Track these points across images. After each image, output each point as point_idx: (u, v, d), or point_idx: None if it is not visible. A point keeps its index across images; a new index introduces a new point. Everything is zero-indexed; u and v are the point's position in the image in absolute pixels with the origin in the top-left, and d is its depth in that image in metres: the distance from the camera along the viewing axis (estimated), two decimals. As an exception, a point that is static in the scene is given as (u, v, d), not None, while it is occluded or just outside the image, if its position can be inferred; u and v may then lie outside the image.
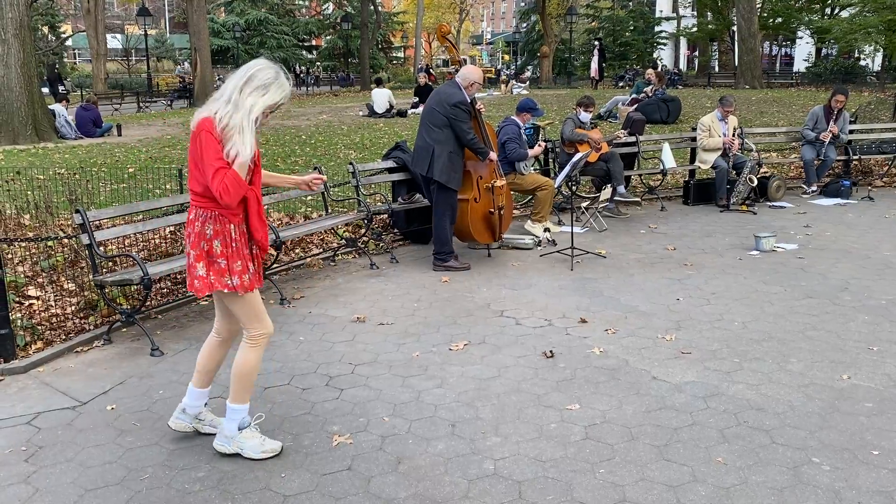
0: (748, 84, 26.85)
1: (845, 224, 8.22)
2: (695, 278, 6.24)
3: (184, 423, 3.64)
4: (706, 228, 8.14)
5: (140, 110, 26.42)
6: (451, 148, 6.39)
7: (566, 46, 41.05)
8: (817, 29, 31.73)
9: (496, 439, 3.61)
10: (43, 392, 4.24)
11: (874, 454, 3.42)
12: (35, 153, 13.21)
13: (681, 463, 3.37)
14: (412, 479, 3.28)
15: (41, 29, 38.11)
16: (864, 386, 4.13)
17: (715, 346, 4.75)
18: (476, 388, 4.19)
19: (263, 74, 3.18)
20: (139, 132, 17.23)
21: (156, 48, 46.59)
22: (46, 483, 3.29)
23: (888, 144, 10.77)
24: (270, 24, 45.06)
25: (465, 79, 6.48)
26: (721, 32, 38.56)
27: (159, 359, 4.71)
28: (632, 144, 9.72)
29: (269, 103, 3.17)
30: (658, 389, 4.14)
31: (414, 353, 4.72)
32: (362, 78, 37.10)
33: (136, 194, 8.40)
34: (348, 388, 4.22)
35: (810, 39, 35.01)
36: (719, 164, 9.17)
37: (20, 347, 4.72)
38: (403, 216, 7.66)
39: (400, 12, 56.18)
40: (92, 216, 5.13)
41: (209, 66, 27.40)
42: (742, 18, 27.10)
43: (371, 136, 15.34)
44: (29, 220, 7.04)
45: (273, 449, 3.49)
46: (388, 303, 5.75)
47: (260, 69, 3.20)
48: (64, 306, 5.40)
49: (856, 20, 27.43)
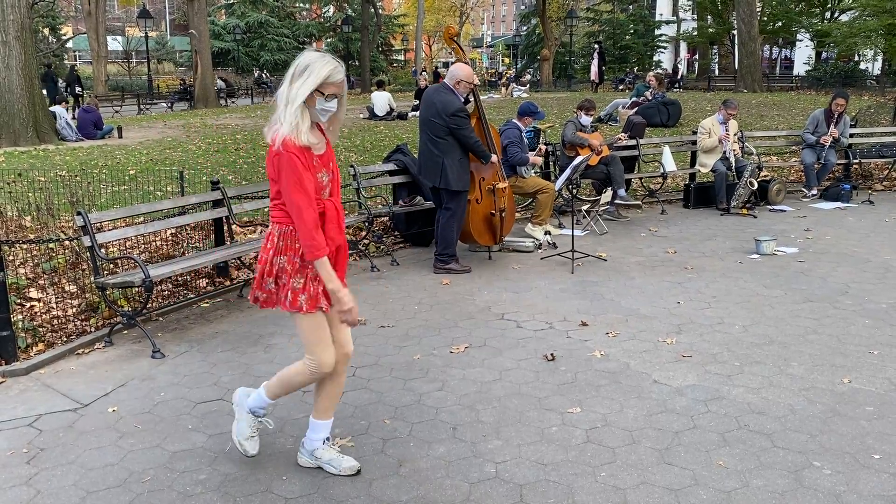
0: (748, 87, 26.86)
1: (846, 228, 8.22)
2: (695, 281, 6.24)
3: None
4: (706, 232, 8.15)
5: (140, 112, 26.44)
6: (458, 155, 6.43)
7: (566, 49, 41.09)
8: (817, 32, 31.74)
9: (497, 442, 3.61)
10: (44, 394, 4.24)
11: (875, 458, 3.42)
12: (36, 155, 13.22)
13: (682, 466, 3.38)
14: (413, 482, 3.28)
15: (42, 31, 38.12)
16: (864, 390, 4.13)
17: (716, 350, 4.75)
18: (477, 391, 4.19)
19: (303, 60, 3.02)
20: (140, 134, 17.24)
21: (156, 50, 46.61)
22: (48, 485, 3.30)
23: (888, 148, 10.78)
24: (271, 27, 45.14)
25: (453, 77, 6.47)
26: (721, 36, 38.60)
27: (160, 361, 4.71)
28: (632, 148, 9.73)
29: (317, 82, 2.98)
30: (659, 393, 4.14)
31: (415, 356, 4.72)
32: (363, 80, 37.13)
33: (137, 196, 8.41)
34: (349, 390, 4.22)
35: (810, 43, 35.02)
36: (719, 168, 9.18)
37: (21, 349, 4.72)
38: (404, 218, 7.67)
39: (400, 15, 56.24)
40: (94, 218, 5.13)
41: (210, 69, 27.45)
42: (742, 22, 27.12)
43: (372, 138, 15.36)
44: (30, 222, 7.05)
45: (351, 467, 3.35)
46: (389, 305, 5.76)
47: (300, 60, 3.05)
48: (65, 308, 5.40)
49: (856, 24, 27.44)
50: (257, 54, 44.72)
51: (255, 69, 42.92)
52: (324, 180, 3.12)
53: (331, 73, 3.01)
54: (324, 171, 3.12)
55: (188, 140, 15.57)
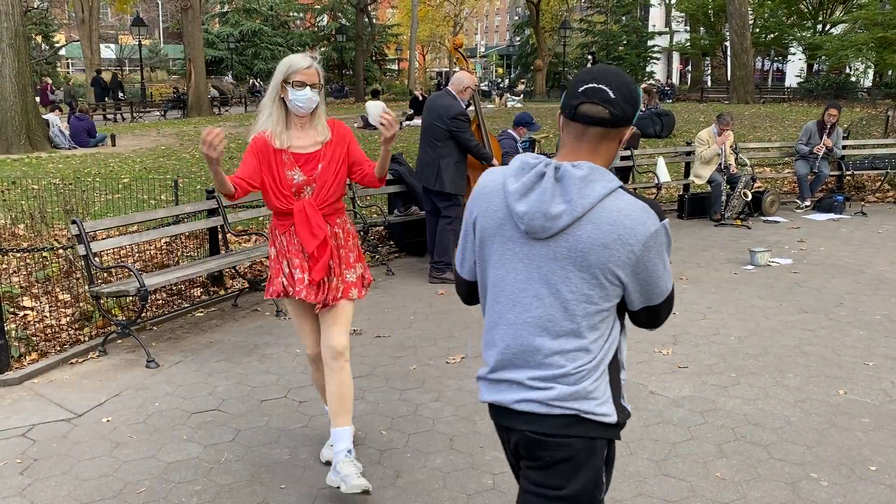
0: (740, 99, 27.02)
1: (839, 239, 8.26)
2: (690, 292, 6.25)
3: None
4: (701, 242, 8.17)
5: (133, 120, 26.39)
6: (456, 158, 6.48)
7: (560, 60, 41.25)
8: (809, 45, 31.97)
9: (495, 453, 3.60)
10: (38, 404, 4.21)
11: (872, 469, 3.43)
12: (29, 163, 13.17)
13: (679, 478, 3.37)
14: (411, 494, 3.27)
15: (35, 38, 38.03)
16: (860, 401, 4.14)
17: (711, 361, 4.75)
18: (474, 402, 4.18)
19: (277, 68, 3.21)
20: (133, 142, 17.21)
21: (150, 58, 46.54)
22: (42, 496, 3.27)
23: (880, 160, 10.84)
24: (265, 36, 45.13)
25: (459, 83, 6.54)
26: (714, 47, 38.85)
27: (155, 371, 4.68)
28: (627, 158, 9.75)
29: (280, 77, 3.13)
30: (656, 404, 4.14)
31: (411, 366, 4.71)
32: (357, 90, 37.16)
33: (131, 205, 8.39)
34: (345, 401, 4.20)
35: (802, 55, 35.26)
36: (715, 179, 9.21)
37: (14, 359, 4.69)
38: (400, 228, 7.67)
39: (394, 25, 56.34)
40: (88, 227, 5.11)
41: (203, 77, 27.43)
42: (735, 34, 27.28)
43: (366, 147, 15.33)
44: (23, 230, 7.01)
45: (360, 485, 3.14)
46: (385, 315, 5.74)
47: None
48: (59, 317, 5.37)
49: (847, 37, 27.67)
50: (251, 63, 44.69)
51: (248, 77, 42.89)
52: (295, 178, 3.16)
53: (292, 63, 3.13)
54: (297, 169, 3.17)
55: (182, 148, 15.55)
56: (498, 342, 1.91)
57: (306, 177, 3.18)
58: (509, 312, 1.88)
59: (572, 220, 1.75)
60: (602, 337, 1.85)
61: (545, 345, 1.83)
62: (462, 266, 2.06)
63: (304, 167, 3.18)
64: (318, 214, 3.21)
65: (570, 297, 1.80)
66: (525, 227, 1.80)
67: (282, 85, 3.13)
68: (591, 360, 1.83)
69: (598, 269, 1.77)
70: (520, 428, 1.88)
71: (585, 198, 1.74)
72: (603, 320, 1.83)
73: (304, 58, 3.16)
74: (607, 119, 1.77)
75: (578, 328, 1.81)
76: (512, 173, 1.85)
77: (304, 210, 3.19)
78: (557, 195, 1.76)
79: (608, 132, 1.79)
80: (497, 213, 1.87)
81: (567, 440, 1.84)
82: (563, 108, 1.83)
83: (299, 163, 3.17)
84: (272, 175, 3.17)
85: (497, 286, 1.90)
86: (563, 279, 1.80)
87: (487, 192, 1.91)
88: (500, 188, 1.88)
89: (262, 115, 3.19)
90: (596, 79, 1.78)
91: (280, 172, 3.16)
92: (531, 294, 1.84)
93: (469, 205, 1.98)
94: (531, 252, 1.83)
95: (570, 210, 1.75)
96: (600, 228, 1.75)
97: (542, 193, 1.77)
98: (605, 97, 1.76)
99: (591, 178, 1.75)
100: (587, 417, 1.84)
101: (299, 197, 3.19)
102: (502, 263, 1.88)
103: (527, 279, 1.84)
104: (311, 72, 3.13)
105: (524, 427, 1.87)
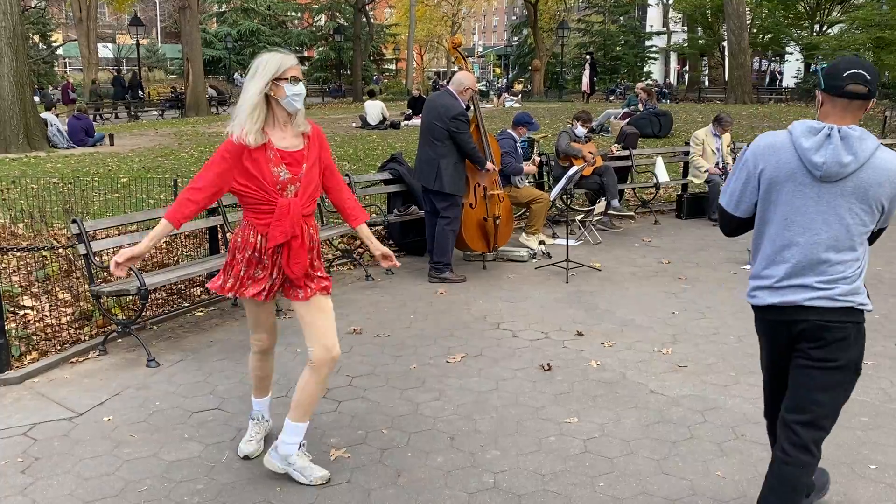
0: (738, 99, 27.06)
1: (837, 239, 8.26)
2: (689, 292, 6.27)
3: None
4: (699, 242, 8.19)
5: (131, 119, 26.36)
6: (455, 159, 6.48)
7: (558, 60, 41.26)
8: (806, 45, 32.00)
9: (495, 452, 3.61)
10: (38, 403, 4.21)
11: (871, 468, 3.44)
12: (27, 162, 13.15)
13: (680, 477, 3.38)
14: (412, 493, 3.28)
15: (32, 38, 37.97)
16: (859, 400, 4.14)
17: (711, 360, 4.77)
18: (474, 401, 4.19)
19: (251, 67, 3.16)
20: (131, 142, 17.19)
21: (147, 58, 46.50)
22: (44, 495, 3.27)
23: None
24: (262, 35, 45.07)
25: (460, 84, 6.54)
26: (711, 48, 38.86)
27: (155, 370, 4.69)
28: (625, 158, 9.77)
29: (272, 74, 3.08)
30: (656, 403, 4.15)
31: (411, 366, 4.72)
32: (355, 89, 37.15)
33: (130, 204, 8.38)
34: (346, 400, 4.22)
35: (799, 56, 35.30)
36: (713, 178, 9.23)
37: (15, 358, 4.69)
38: (399, 228, 7.67)
39: (392, 24, 56.34)
40: (88, 226, 5.11)
41: (201, 77, 27.41)
42: (732, 34, 27.32)
43: (364, 147, 15.37)
44: (23, 230, 7.01)
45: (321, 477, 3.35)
46: (385, 314, 5.75)
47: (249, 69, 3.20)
48: (59, 316, 5.37)
49: (844, 37, 27.70)
50: (249, 62, 44.63)
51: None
52: (281, 175, 3.14)
53: (282, 60, 3.12)
54: (282, 166, 3.15)
55: (180, 148, 15.53)
56: (789, 258, 2.58)
57: (291, 175, 3.17)
58: (800, 237, 2.55)
59: (858, 167, 2.45)
60: (865, 249, 2.61)
61: (832, 257, 2.54)
62: (737, 207, 2.69)
63: (289, 165, 3.16)
64: (300, 213, 3.19)
65: (851, 222, 2.51)
66: (821, 174, 2.47)
67: (273, 82, 3.08)
68: (859, 266, 2.59)
69: (873, 201, 2.50)
70: (811, 318, 2.57)
71: (865, 151, 2.45)
72: (865, 237, 2.57)
73: (288, 53, 3.17)
74: (865, 94, 2.47)
75: (854, 244, 2.55)
76: (801, 134, 2.51)
77: (289, 206, 3.16)
78: (844, 149, 2.45)
79: (864, 103, 2.51)
80: (789, 164, 2.53)
81: (845, 324, 2.58)
82: (829, 89, 2.50)
83: (285, 160, 3.15)
84: (256, 172, 3.11)
85: (788, 218, 2.56)
86: (848, 210, 2.50)
87: (777, 149, 2.57)
88: (790, 146, 2.54)
89: (242, 113, 3.09)
90: (854, 66, 2.47)
91: (265, 168, 3.11)
92: (821, 222, 2.52)
93: (751, 159, 2.62)
94: (821, 192, 2.50)
95: (855, 160, 2.45)
96: (877, 172, 2.47)
97: (835, 148, 2.45)
98: (864, 79, 2.46)
99: (864, 136, 2.47)
100: (858, 308, 2.60)
101: (282, 195, 3.17)
102: (793, 201, 2.54)
103: (816, 211, 2.52)
104: (298, 66, 3.17)
105: (815, 318, 2.57)
